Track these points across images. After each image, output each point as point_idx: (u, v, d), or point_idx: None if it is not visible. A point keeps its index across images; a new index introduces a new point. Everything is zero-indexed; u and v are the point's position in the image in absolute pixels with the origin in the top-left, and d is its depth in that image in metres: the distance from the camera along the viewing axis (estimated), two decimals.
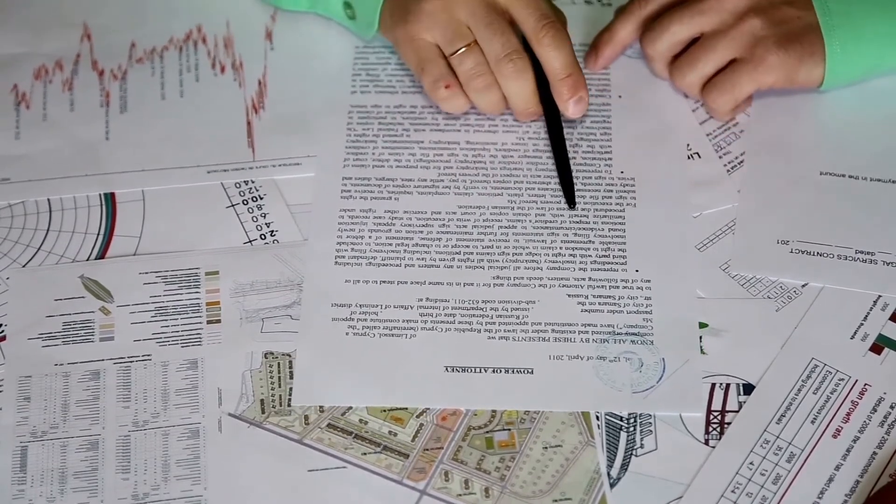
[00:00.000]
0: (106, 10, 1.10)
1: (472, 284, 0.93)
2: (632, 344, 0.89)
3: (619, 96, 1.03)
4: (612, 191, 0.97)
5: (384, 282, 0.93)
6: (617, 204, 0.97)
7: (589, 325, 0.90)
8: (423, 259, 0.94)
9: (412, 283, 0.93)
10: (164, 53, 1.07)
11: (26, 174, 1.00)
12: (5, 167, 1.00)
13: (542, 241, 0.95)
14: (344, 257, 0.94)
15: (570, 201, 0.96)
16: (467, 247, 0.95)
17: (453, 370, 0.89)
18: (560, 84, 0.97)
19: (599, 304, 0.91)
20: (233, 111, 1.03)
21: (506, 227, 0.96)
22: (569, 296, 0.92)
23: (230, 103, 1.04)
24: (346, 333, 0.90)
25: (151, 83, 1.06)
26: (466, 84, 0.98)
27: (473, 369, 0.89)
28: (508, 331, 0.90)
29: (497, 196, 0.97)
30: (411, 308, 0.91)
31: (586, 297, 0.92)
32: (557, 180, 0.98)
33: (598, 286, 0.92)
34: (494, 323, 0.91)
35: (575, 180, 0.98)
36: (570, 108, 0.97)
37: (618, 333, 0.90)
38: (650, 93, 1.03)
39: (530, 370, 0.89)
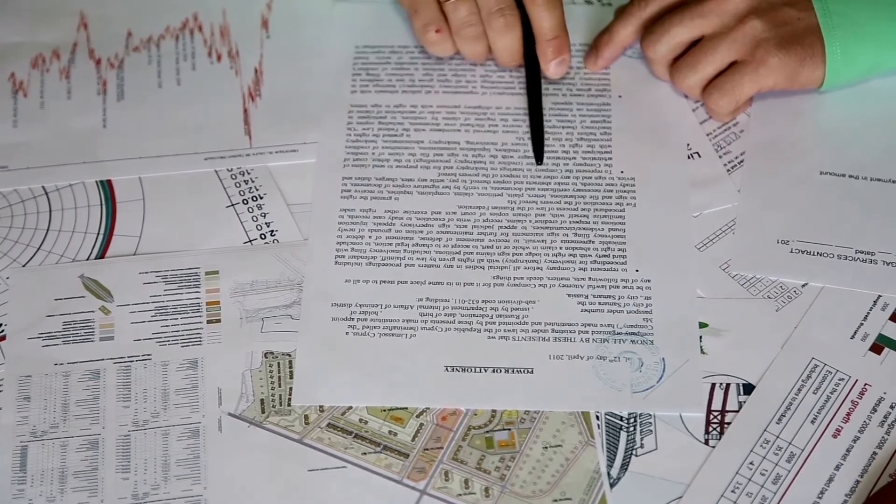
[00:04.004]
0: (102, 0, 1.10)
1: (472, 284, 0.93)
2: (632, 344, 0.89)
3: (619, 96, 1.03)
4: (612, 191, 0.97)
5: (384, 281, 0.93)
6: (617, 204, 0.97)
7: (589, 324, 0.90)
8: (423, 259, 0.94)
9: (412, 282, 0.93)
10: (160, 42, 1.07)
11: (24, 162, 1.00)
12: (3, 155, 1.01)
13: (542, 241, 0.95)
14: (344, 257, 0.94)
15: (539, 157, 0.98)
16: (467, 247, 0.95)
17: (453, 370, 0.89)
18: (546, 45, 1.00)
19: (599, 303, 0.91)
20: (229, 99, 1.04)
21: (506, 228, 0.96)
22: (569, 295, 0.92)
23: (227, 91, 1.04)
24: (346, 333, 0.90)
25: (148, 71, 1.06)
26: (457, 32, 1.00)
27: (473, 369, 0.89)
28: (508, 330, 0.90)
29: (497, 196, 0.97)
30: (411, 308, 0.91)
31: (586, 296, 0.92)
32: (556, 180, 0.98)
33: (598, 286, 0.92)
34: (494, 323, 0.91)
35: (575, 180, 0.98)
36: (551, 67, 1.01)
37: (618, 333, 0.90)
38: (650, 93, 1.03)
39: (530, 370, 0.89)
